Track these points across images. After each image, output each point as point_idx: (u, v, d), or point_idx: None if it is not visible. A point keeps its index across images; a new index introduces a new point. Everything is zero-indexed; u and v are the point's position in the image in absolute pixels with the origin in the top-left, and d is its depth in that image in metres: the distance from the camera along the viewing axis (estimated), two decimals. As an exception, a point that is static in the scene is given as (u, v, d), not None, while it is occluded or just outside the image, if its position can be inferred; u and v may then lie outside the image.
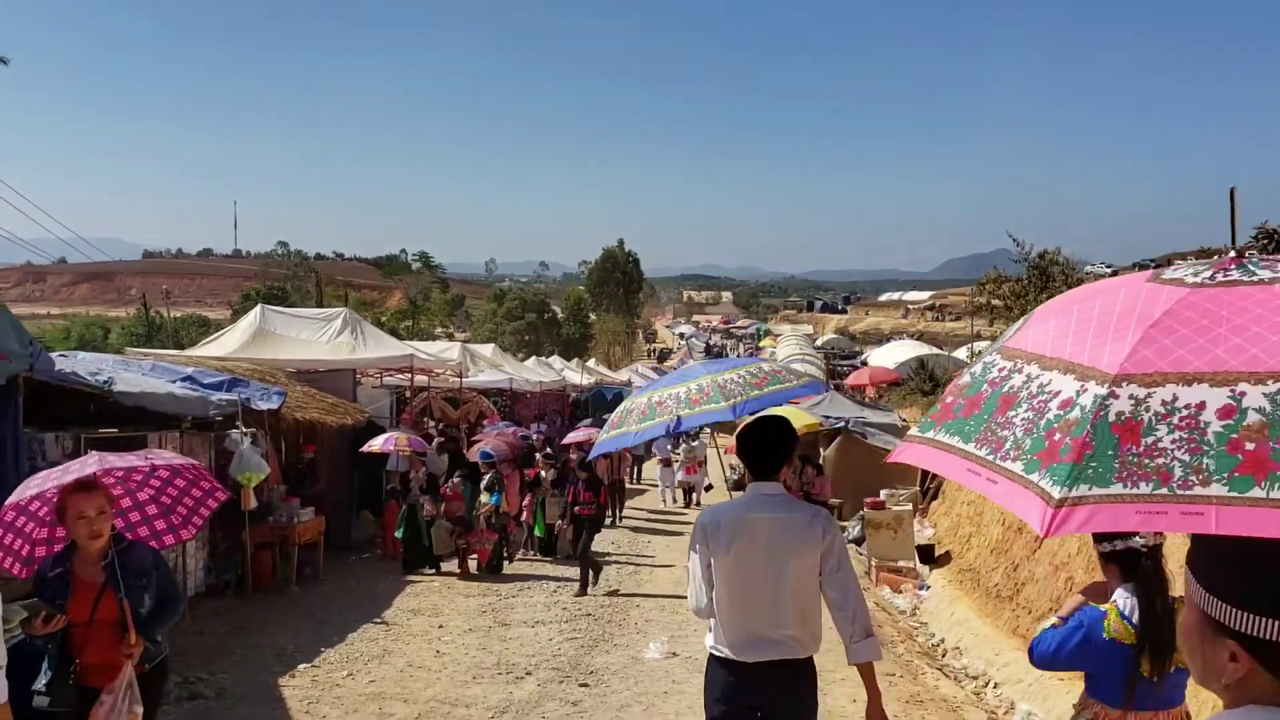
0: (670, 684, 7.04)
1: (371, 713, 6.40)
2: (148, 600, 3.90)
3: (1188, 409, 1.22)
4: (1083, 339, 1.38)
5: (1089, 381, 1.31)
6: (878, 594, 11.46)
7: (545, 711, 6.47)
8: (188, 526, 4.59)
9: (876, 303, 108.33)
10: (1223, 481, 1.16)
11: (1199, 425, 1.20)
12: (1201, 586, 1.26)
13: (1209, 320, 1.29)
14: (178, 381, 9.41)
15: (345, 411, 13.03)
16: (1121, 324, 1.35)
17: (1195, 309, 1.32)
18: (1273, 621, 1.17)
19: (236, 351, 13.78)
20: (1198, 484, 1.17)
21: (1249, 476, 1.15)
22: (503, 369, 23.19)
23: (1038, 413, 1.34)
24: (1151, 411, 1.24)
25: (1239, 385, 1.20)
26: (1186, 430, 1.21)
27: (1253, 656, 1.22)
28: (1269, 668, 1.21)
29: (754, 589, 3.48)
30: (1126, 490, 1.21)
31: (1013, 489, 1.31)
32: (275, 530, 10.51)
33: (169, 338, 46.63)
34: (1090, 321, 1.41)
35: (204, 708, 6.40)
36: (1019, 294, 14.38)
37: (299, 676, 7.21)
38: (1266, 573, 1.19)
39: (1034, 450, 1.30)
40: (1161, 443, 1.21)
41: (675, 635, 8.45)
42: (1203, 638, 1.28)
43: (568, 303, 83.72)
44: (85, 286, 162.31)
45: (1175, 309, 1.34)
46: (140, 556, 3.96)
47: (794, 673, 3.51)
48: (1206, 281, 1.39)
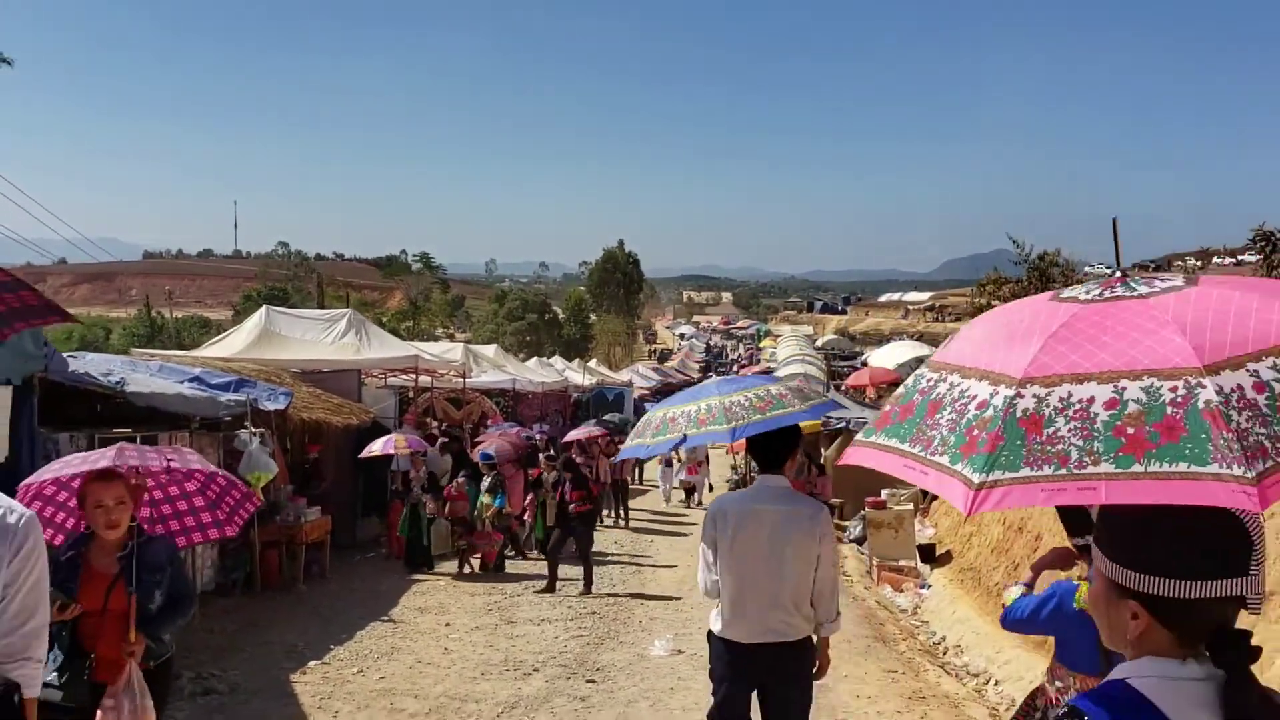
0: (676, 680, 7.15)
1: (383, 708, 6.51)
2: (158, 596, 3.88)
3: (1080, 403, 1.45)
4: (995, 350, 1.63)
5: (1000, 385, 1.55)
6: (879, 593, 11.56)
7: (554, 707, 6.58)
8: (232, 523, 4.59)
9: (876, 303, 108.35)
10: (1110, 460, 1.38)
11: (1090, 416, 1.43)
12: (1106, 557, 1.51)
13: (1097, 330, 1.55)
14: (186, 382, 9.50)
15: (351, 412, 13.13)
16: (1027, 336, 1.60)
17: (1086, 321, 1.58)
18: (1165, 580, 1.41)
19: (242, 352, 13.87)
20: (1090, 464, 1.40)
21: (1130, 455, 1.37)
22: (505, 370, 23.29)
23: (959, 414, 1.58)
24: (1051, 407, 1.47)
25: (1121, 381, 1.44)
26: (1080, 421, 1.44)
27: (1150, 614, 1.45)
28: (1164, 623, 1.44)
29: (756, 574, 3.80)
30: (1033, 473, 1.44)
31: (941, 478, 1.54)
32: (282, 529, 10.62)
33: (171, 338, 46.72)
34: (1001, 334, 1.67)
35: (218, 702, 6.50)
36: (1019, 295, 14.46)
37: (310, 673, 7.32)
38: (1157, 541, 1.43)
39: (957, 445, 1.54)
40: (1060, 432, 1.44)
41: (680, 633, 8.56)
42: (1108, 601, 1.52)
43: (568, 303, 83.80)
44: (85, 287, 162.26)
45: (1070, 322, 1.60)
46: (155, 551, 3.93)
47: (792, 653, 3.86)
48: (1096, 298, 1.66)
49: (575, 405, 29.95)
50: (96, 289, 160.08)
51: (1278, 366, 1.41)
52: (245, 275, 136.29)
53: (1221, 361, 1.43)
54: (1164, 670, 1.43)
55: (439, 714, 6.42)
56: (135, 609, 3.73)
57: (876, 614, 10.33)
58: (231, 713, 6.34)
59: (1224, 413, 1.36)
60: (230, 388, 9.77)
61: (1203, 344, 1.45)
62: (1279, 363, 1.42)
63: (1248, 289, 1.60)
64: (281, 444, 11.30)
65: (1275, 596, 5.64)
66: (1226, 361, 1.43)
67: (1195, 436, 1.35)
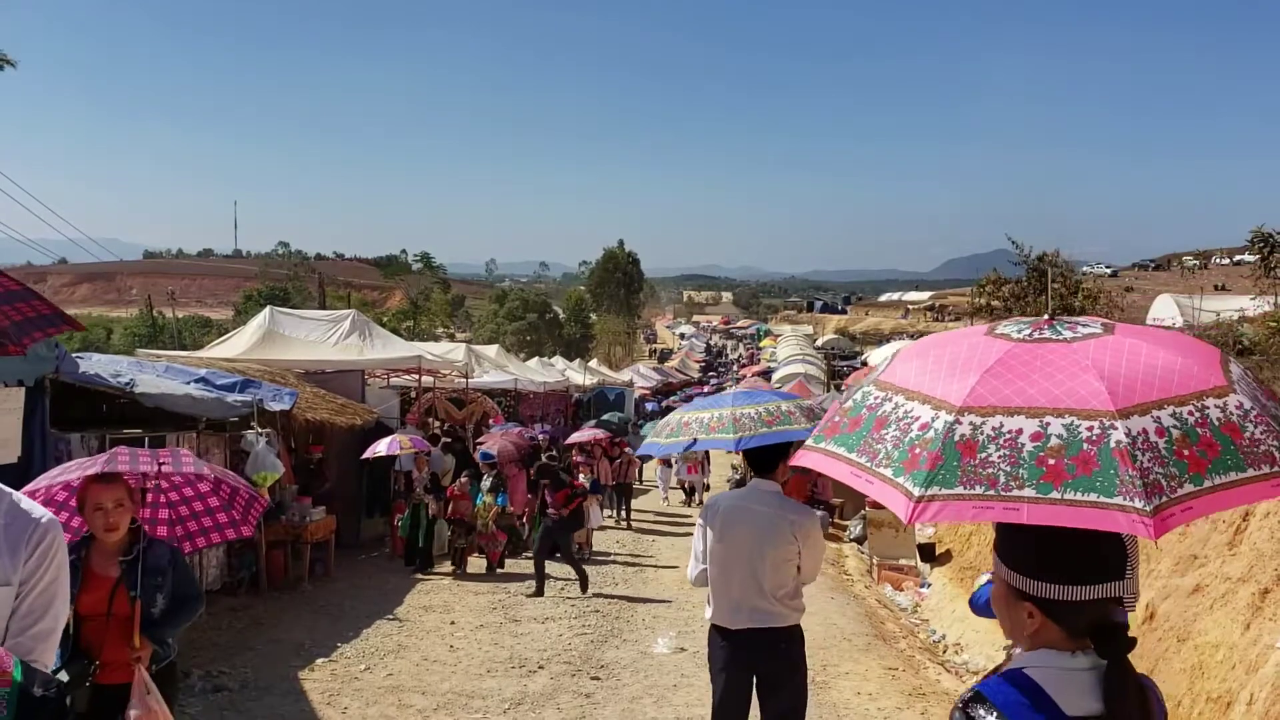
0: (679, 677, 7.24)
1: (391, 704, 6.60)
2: (160, 600, 3.82)
3: (1010, 433, 1.65)
4: (937, 378, 1.83)
5: (941, 411, 1.74)
6: (880, 591, 11.67)
7: (559, 703, 6.67)
8: (247, 523, 4.59)
9: (877, 303, 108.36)
10: (1033, 486, 1.58)
11: (1017, 445, 1.63)
12: (1005, 564, 1.76)
13: (1027, 368, 1.75)
14: (192, 383, 9.57)
15: (354, 412, 13.21)
16: (965, 368, 1.80)
17: (1018, 359, 1.78)
18: (1055, 586, 1.67)
19: (246, 353, 13.95)
20: (1015, 488, 1.59)
21: (1050, 483, 1.57)
22: (507, 370, 23.36)
23: (904, 432, 1.77)
24: (985, 434, 1.67)
25: (1046, 417, 1.64)
26: (1009, 449, 1.64)
27: (1044, 614, 1.70)
28: (1055, 621, 1.68)
29: (739, 567, 4.14)
30: (966, 491, 1.63)
31: (884, 488, 1.73)
32: (288, 529, 10.70)
33: (172, 339, 46.77)
34: (943, 364, 1.86)
35: (228, 699, 6.59)
36: (1018, 295, 14.54)
37: (318, 670, 7.41)
38: (1048, 552, 1.68)
39: (900, 459, 1.73)
40: (991, 457, 1.64)
41: (683, 631, 8.65)
42: (1008, 603, 1.77)
43: (569, 303, 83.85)
44: (85, 287, 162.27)
45: (1004, 358, 1.79)
46: (157, 554, 3.87)
47: (779, 638, 4.16)
48: (1027, 338, 1.86)
49: (576, 405, 30.03)
50: (97, 289, 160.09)
51: (1176, 415, 1.62)
52: (246, 275, 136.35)
53: (1131, 406, 1.63)
54: (1056, 661, 1.67)
55: (447, 710, 6.52)
56: (138, 614, 3.69)
57: (877, 612, 10.43)
58: (242, 709, 6.43)
59: (1130, 452, 1.56)
60: (236, 388, 9.85)
61: (1117, 389, 1.65)
62: (1178, 411, 1.63)
63: (1156, 341, 1.81)
64: (286, 444, 11.38)
65: (1272, 593, 5.75)
66: (1135, 407, 1.63)
67: (1105, 471, 1.55)
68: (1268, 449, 1.61)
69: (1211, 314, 13.62)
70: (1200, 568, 6.67)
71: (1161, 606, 6.85)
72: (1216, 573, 6.43)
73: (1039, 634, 1.71)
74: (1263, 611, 5.75)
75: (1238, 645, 5.83)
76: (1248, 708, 5.37)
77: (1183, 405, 1.65)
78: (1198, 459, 1.58)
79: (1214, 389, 1.69)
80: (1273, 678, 5.29)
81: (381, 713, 6.44)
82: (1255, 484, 1.58)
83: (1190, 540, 7.05)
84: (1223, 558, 6.48)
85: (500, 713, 6.47)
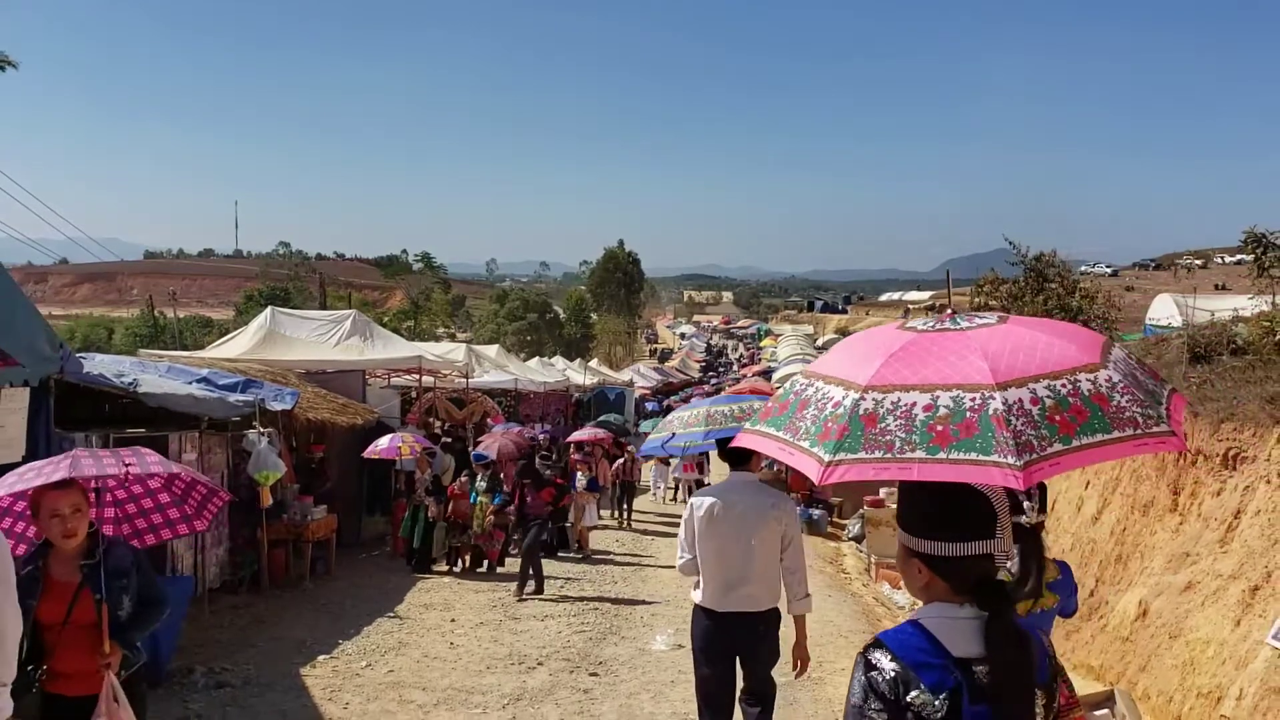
0: (677, 673, 7.31)
1: (392, 699, 6.68)
2: (127, 603, 3.70)
3: (906, 406, 1.93)
4: (851, 364, 2.13)
5: (850, 390, 2.03)
6: (877, 589, 11.73)
7: (558, 699, 6.75)
8: (201, 517, 4.53)
9: (877, 303, 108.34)
10: (923, 449, 1.85)
11: (911, 416, 1.91)
12: (900, 528, 2.06)
13: (924, 353, 2.05)
14: (195, 383, 9.64)
15: (355, 412, 13.29)
16: (874, 354, 2.10)
17: (919, 346, 2.08)
18: (934, 543, 1.96)
19: (248, 353, 14.03)
20: (908, 451, 1.87)
21: (938, 445, 1.84)
22: (507, 370, 23.44)
23: (820, 410, 2.06)
24: (885, 408, 1.95)
25: (936, 391, 1.92)
26: (904, 419, 1.91)
27: (930, 570, 1.98)
28: (940, 576, 1.97)
29: (726, 554, 4.56)
30: (867, 455, 1.91)
31: (802, 457, 2.02)
32: (289, 528, 10.77)
33: (173, 339, 46.84)
34: (857, 353, 2.19)
35: (231, 695, 6.67)
36: (1016, 295, 14.58)
37: (319, 667, 7.48)
38: (929, 515, 1.97)
39: (816, 433, 2.02)
40: (889, 427, 1.92)
41: (680, 628, 8.71)
42: (903, 561, 2.06)
43: (569, 303, 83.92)
44: (87, 287, 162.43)
45: (906, 346, 2.09)
46: (119, 556, 3.75)
47: (759, 621, 4.58)
48: (930, 329, 2.17)
49: (576, 405, 30.10)
50: (98, 288, 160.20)
51: (1050, 387, 1.90)
52: (246, 275, 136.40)
53: (1010, 380, 1.91)
54: (945, 612, 1.95)
55: (446, 705, 6.59)
56: (106, 618, 3.57)
57: (874, 610, 10.51)
58: (245, 705, 6.51)
59: (1005, 418, 1.83)
60: (238, 388, 9.92)
61: (999, 367, 1.94)
62: (1052, 384, 1.91)
63: (1039, 328, 2.12)
64: (288, 444, 11.45)
65: (1262, 590, 5.82)
66: (1013, 381, 1.91)
67: (984, 434, 1.82)
68: (1131, 415, 1.89)
69: (1206, 313, 13.67)
70: (1192, 565, 6.73)
71: (1154, 604, 6.92)
72: (1208, 570, 6.50)
73: (929, 588, 1.99)
74: (1253, 608, 5.82)
75: (1228, 641, 5.90)
76: (1237, 702, 5.44)
77: (1057, 379, 1.92)
78: (1068, 423, 1.86)
79: (1087, 366, 1.97)
80: (1261, 673, 5.36)
81: (382, 708, 6.52)
82: (1119, 444, 1.87)
83: (1183, 538, 7.12)
84: (1214, 555, 6.54)
85: (499, 708, 6.55)
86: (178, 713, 6.26)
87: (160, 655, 6.61)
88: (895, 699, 1.86)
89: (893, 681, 1.86)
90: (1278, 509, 6.11)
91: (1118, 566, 8.08)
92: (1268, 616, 5.59)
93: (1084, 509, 9.17)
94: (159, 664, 6.61)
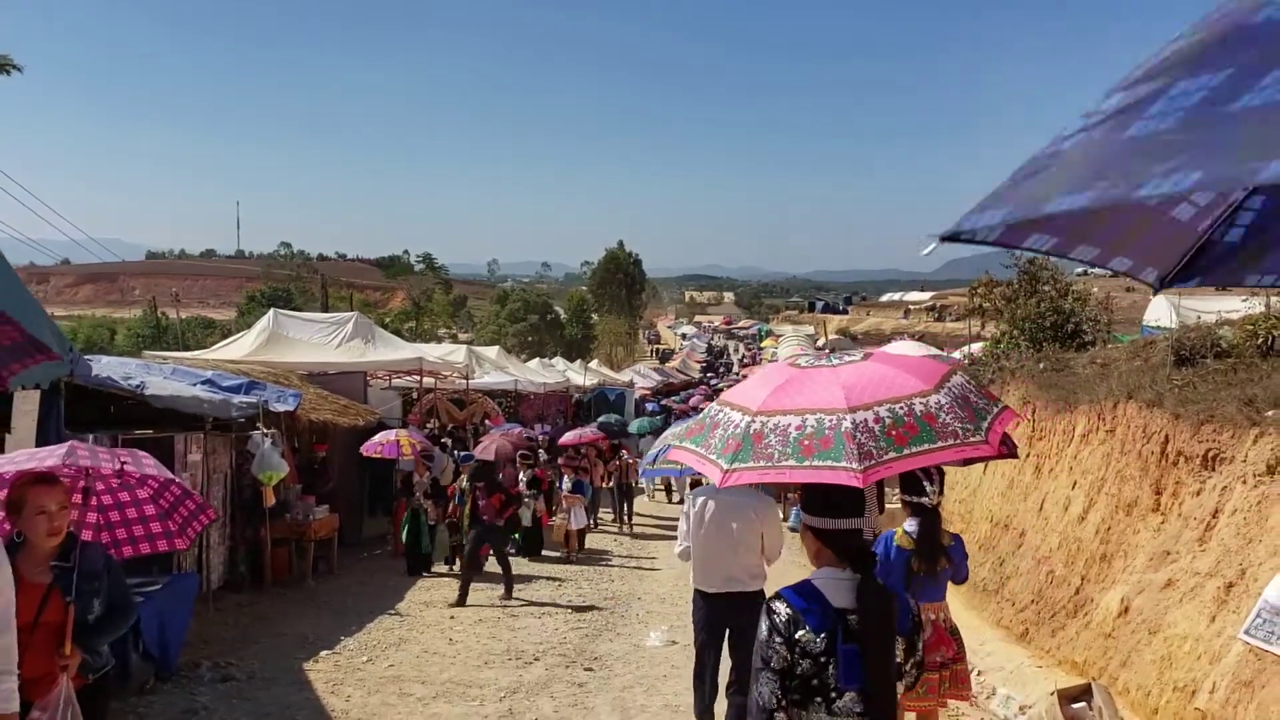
0: (670, 668, 7.50)
1: (392, 693, 6.87)
2: (96, 605, 3.62)
3: (783, 427, 2.56)
4: (750, 394, 2.80)
5: (744, 414, 2.69)
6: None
7: (553, 692, 6.94)
8: (184, 535, 4.41)
9: (878, 303, 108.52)
10: (794, 459, 2.49)
11: (787, 434, 2.54)
12: (802, 509, 2.69)
13: (801, 385, 2.71)
14: (199, 384, 9.82)
15: (357, 413, 13.48)
16: (766, 385, 2.79)
17: (798, 380, 2.76)
18: (819, 519, 2.59)
19: (251, 354, 14.22)
20: (784, 460, 2.50)
21: (805, 456, 2.48)
22: (507, 370, 23.60)
23: (725, 430, 2.72)
24: (769, 428, 2.59)
25: (805, 415, 2.56)
26: (781, 436, 2.55)
27: (817, 540, 2.62)
28: (826, 545, 2.60)
29: (716, 543, 5.49)
30: (755, 464, 2.55)
31: (711, 466, 2.67)
32: (292, 527, 10.95)
33: (176, 339, 47.02)
34: (756, 385, 2.87)
35: (236, 688, 6.87)
36: (1009, 298, 14.76)
37: (321, 661, 7.67)
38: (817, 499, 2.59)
39: (720, 447, 2.68)
40: (770, 442, 2.56)
41: (674, 625, 8.91)
42: (804, 534, 2.70)
43: (570, 303, 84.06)
44: (88, 287, 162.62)
45: (791, 378, 2.78)
46: (91, 559, 3.67)
47: (748, 601, 5.34)
48: (809, 365, 2.87)
49: (576, 406, 30.24)
50: (99, 289, 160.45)
51: (891, 410, 2.53)
52: (248, 275, 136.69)
53: (859, 405, 2.54)
54: (831, 575, 2.57)
55: (445, 698, 6.78)
56: (73, 619, 3.49)
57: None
58: (250, 697, 6.70)
59: (852, 434, 2.46)
60: (242, 390, 10.10)
61: (852, 395, 2.58)
62: (893, 407, 2.54)
63: (893, 363, 2.80)
64: (291, 444, 11.63)
65: (1236, 586, 6.00)
66: (862, 405, 2.54)
67: (836, 447, 2.45)
68: (953, 429, 2.52)
69: (1200, 314, 13.83)
70: (1172, 563, 6.90)
71: (1136, 601, 7.09)
72: (1187, 568, 6.66)
73: (819, 555, 2.63)
74: (1227, 604, 5.99)
75: (1203, 637, 6.07)
76: (1210, 696, 5.61)
77: (897, 403, 2.56)
78: (902, 436, 2.49)
79: (922, 392, 2.60)
80: (1233, 667, 5.54)
81: (383, 701, 6.71)
82: (942, 451, 2.50)
83: (1164, 537, 7.28)
84: (1193, 553, 6.71)
85: (496, 700, 6.74)
86: (186, 705, 6.45)
87: (169, 651, 6.81)
88: (787, 636, 2.46)
89: (786, 622, 2.47)
90: (1253, 508, 6.28)
91: (1102, 565, 8.25)
92: (1241, 613, 5.76)
93: (1070, 509, 9.34)
94: (168, 659, 6.81)
